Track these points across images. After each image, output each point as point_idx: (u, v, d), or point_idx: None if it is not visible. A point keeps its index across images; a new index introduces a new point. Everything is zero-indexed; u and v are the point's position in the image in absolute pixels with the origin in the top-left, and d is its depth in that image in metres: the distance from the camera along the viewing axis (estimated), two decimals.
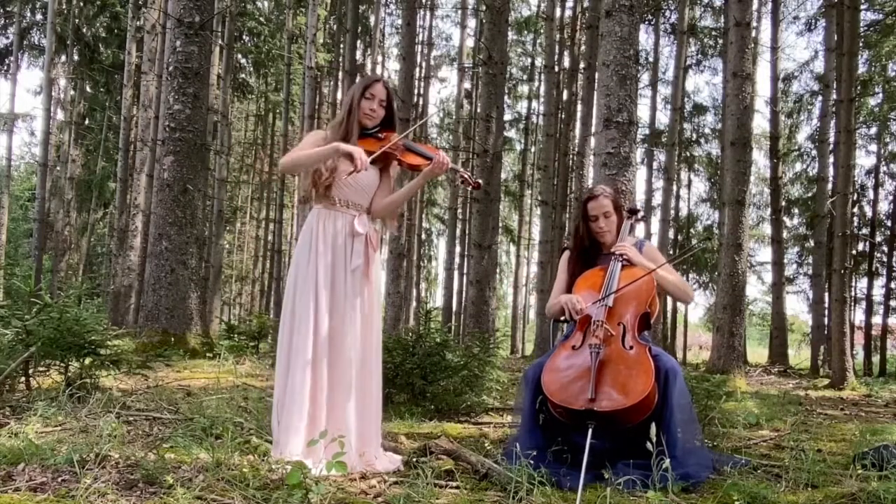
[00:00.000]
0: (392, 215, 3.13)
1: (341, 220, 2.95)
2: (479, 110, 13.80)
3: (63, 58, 21.19)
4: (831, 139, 14.34)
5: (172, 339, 7.82)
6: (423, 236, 28.14)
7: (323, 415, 2.83)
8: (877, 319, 16.61)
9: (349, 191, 2.96)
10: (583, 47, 16.85)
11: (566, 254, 3.47)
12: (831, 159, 14.31)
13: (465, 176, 2.99)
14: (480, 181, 3.13)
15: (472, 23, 20.78)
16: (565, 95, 18.83)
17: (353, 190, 2.96)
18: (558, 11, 18.84)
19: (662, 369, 2.86)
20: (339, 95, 21.59)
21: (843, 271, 9.57)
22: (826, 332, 12.83)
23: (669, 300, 19.75)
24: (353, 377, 2.89)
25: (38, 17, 21.99)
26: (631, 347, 2.89)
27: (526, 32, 23.81)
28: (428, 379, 4.77)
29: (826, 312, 13.63)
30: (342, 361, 2.87)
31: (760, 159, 21.36)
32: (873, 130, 17.19)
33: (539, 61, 22.41)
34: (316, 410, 2.83)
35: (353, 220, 2.95)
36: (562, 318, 3.19)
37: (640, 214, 3.46)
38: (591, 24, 14.17)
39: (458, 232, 21.06)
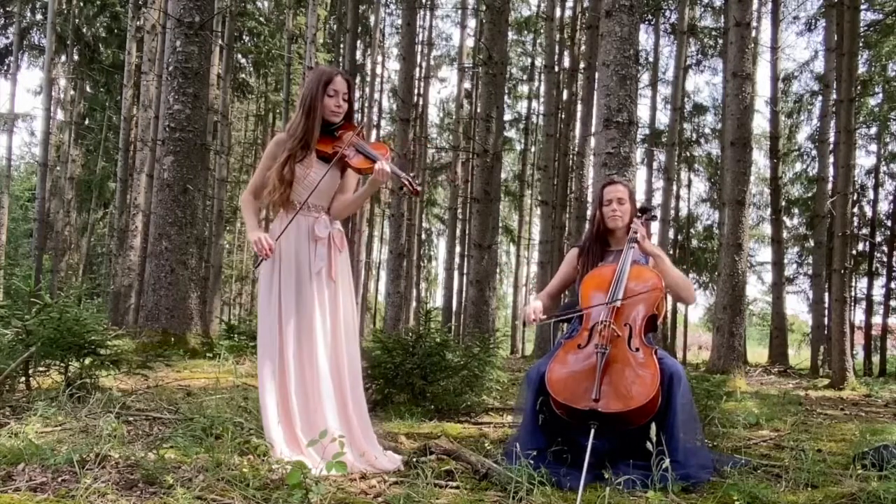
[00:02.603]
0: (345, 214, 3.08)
1: (304, 223, 2.95)
2: (479, 110, 13.79)
3: (63, 58, 21.20)
4: (831, 139, 14.34)
5: (172, 339, 7.81)
6: (423, 236, 28.14)
7: (299, 418, 2.85)
8: (877, 319, 16.63)
9: (308, 194, 2.92)
10: (583, 47, 16.85)
11: (574, 251, 3.48)
12: (831, 159, 14.31)
13: (406, 182, 2.83)
14: (419, 188, 2.91)
15: (472, 23, 20.79)
16: (565, 95, 18.82)
17: (314, 193, 2.91)
18: (558, 11, 18.84)
19: (667, 372, 2.85)
20: None
21: (843, 271, 9.57)
22: (826, 332, 12.83)
23: (670, 300, 19.75)
24: (329, 378, 2.90)
25: (38, 17, 22.00)
26: (637, 349, 2.88)
27: (526, 32, 23.80)
28: (428, 379, 4.77)
29: (826, 312, 13.63)
30: (313, 364, 2.88)
31: (760, 159, 21.39)
32: (873, 130, 17.19)
33: (539, 61, 22.41)
34: (291, 414, 2.85)
35: (313, 223, 2.94)
36: (556, 316, 3.20)
37: (652, 213, 3.46)
38: (591, 24, 14.16)
39: (458, 232, 21.07)
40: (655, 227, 16.66)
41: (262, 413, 2.87)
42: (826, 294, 13.97)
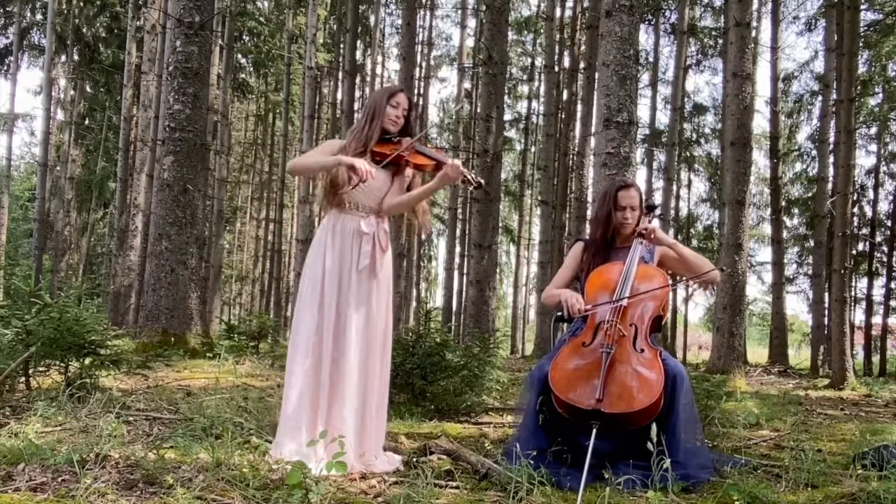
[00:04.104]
0: (416, 216, 3.16)
1: (351, 223, 3.01)
2: (479, 110, 13.79)
3: (63, 58, 21.19)
4: (831, 139, 14.34)
5: (172, 339, 7.81)
6: (423, 236, 28.11)
7: (322, 414, 2.86)
8: (877, 319, 16.63)
9: (359, 194, 3.01)
10: (583, 47, 16.85)
11: (579, 245, 3.41)
12: (831, 159, 14.31)
13: (470, 177, 2.97)
14: (482, 181, 3.06)
15: (472, 23, 20.79)
16: (565, 95, 18.82)
17: (363, 193, 3.01)
18: (558, 11, 18.84)
19: (670, 374, 2.85)
20: (339, 95, 21.59)
21: (843, 271, 9.57)
22: (826, 332, 12.83)
23: (670, 301, 19.75)
24: (357, 377, 2.91)
25: (38, 17, 21.99)
26: (642, 350, 2.87)
27: (526, 32, 23.80)
28: (428, 379, 4.76)
29: (826, 312, 13.62)
30: (345, 362, 2.89)
31: (760, 159, 21.39)
32: (873, 130, 17.18)
33: (539, 61, 22.41)
34: (316, 410, 2.86)
35: (359, 221, 3.00)
36: (557, 313, 3.18)
37: (658, 211, 3.47)
38: (591, 24, 14.16)
39: (458, 232, 21.06)
40: (655, 225, 16.65)
41: (282, 408, 2.87)
42: (826, 294, 13.96)
